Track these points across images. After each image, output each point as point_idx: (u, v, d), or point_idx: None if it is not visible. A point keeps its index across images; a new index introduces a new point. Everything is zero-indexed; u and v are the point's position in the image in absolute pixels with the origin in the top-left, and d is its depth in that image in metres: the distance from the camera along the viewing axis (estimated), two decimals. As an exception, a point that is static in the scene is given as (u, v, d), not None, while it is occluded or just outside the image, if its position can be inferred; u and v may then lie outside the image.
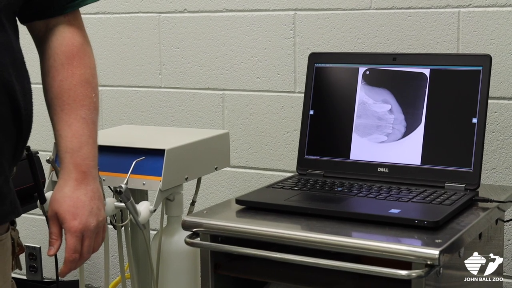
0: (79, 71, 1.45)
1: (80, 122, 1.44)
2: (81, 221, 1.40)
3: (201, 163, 1.95)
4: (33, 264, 2.98)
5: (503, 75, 2.07)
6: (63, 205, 1.41)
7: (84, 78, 1.46)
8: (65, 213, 1.40)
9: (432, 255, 1.34)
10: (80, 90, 1.45)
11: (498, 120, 2.09)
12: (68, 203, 1.41)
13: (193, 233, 1.60)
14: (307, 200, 1.66)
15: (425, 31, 2.15)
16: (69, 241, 1.41)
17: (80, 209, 1.41)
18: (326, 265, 1.44)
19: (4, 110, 1.31)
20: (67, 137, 1.43)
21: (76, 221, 1.40)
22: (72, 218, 1.40)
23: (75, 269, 1.47)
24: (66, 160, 1.43)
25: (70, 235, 1.40)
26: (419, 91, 1.76)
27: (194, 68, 2.53)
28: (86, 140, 1.44)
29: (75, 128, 1.43)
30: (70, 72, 1.45)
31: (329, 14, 2.28)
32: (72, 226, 1.40)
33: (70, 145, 1.42)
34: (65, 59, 1.45)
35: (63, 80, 1.44)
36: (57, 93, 1.44)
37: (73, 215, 1.40)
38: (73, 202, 1.41)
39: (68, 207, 1.40)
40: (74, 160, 1.42)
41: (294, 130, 2.35)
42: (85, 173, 1.43)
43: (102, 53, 2.68)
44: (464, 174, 1.68)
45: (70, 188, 1.42)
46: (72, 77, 1.44)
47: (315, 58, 1.89)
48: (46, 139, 2.80)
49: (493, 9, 2.07)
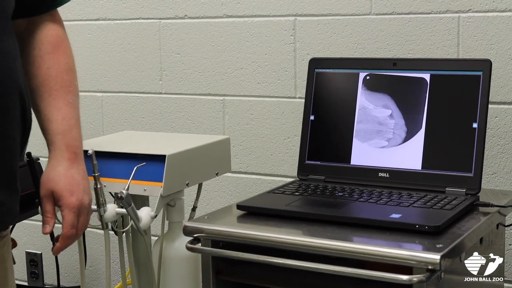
0: (64, 60, 1.51)
1: (68, 107, 1.49)
2: (77, 198, 1.44)
3: (202, 168, 1.95)
4: (34, 271, 2.98)
5: (503, 80, 2.07)
6: (59, 183, 1.45)
7: (69, 66, 1.52)
8: (62, 191, 1.44)
9: (433, 259, 1.34)
10: (66, 77, 1.51)
11: (498, 125, 2.09)
12: (64, 181, 1.45)
13: (194, 239, 1.60)
14: (308, 206, 1.66)
15: (425, 36, 2.15)
16: (67, 217, 1.44)
17: (75, 186, 1.45)
18: (327, 270, 1.44)
19: (18, 111, 1.37)
20: (57, 120, 1.47)
21: (74, 197, 1.44)
22: (70, 195, 1.44)
23: (68, 246, 1.51)
24: (58, 141, 1.47)
25: (68, 211, 1.44)
26: (420, 96, 1.76)
27: (195, 74, 2.53)
28: (74, 123, 1.50)
29: (65, 112, 1.48)
30: (56, 60, 1.50)
31: (329, 20, 2.29)
32: (70, 203, 1.44)
33: (61, 127, 1.47)
34: (51, 48, 1.50)
35: (50, 68, 1.49)
36: (44, 80, 1.49)
37: (70, 192, 1.44)
38: (69, 180, 1.45)
39: (65, 184, 1.44)
40: (66, 141, 1.47)
41: (294, 135, 2.35)
42: (76, 154, 1.48)
43: (102, 59, 2.68)
44: (464, 179, 1.68)
45: (64, 167, 1.46)
46: (58, 65, 1.50)
47: (315, 63, 1.89)
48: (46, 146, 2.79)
49: (493, 14, 2.07)
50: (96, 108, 2.75)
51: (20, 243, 2.86)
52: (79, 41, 1.73)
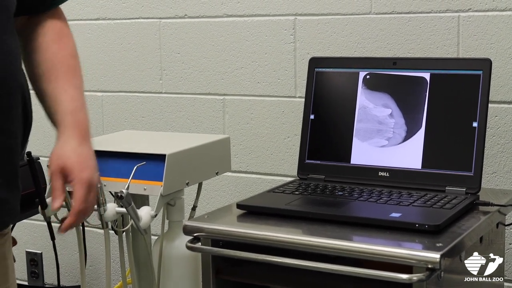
0: (69, 46, 1.54)
1: (75, 90, 1.51)
2: (89, 174, 1.44)
3: (202, 168, 1.95)
4: (34, 270, 2.98)
5: (503, 79, 2.07)
6: (71, 158, 1.44)
7: (74, 52, 1.55)
8: (74, 165, 1.44)
9: (433, 259, 1.34)
10: (72, 62, 1.53)
11: (498, 124, 2.09)
12: (76, 157, 1.45)
13: (194, 238, 1.60)
14: (308, 205, 1.66)
15: (425, 35, 2.15)
16: (78, 191, 1.44)
17: (86, 162, 1.46)
18: (327, 269, 1.44)
19: (20, 110, 1.38)
20: (66, 101, 1.48)
21: (85, 173, 1.44)
22: (81, 170, 1.44)
23: (78, 224, 1.52)
24: (67, 120, 1.47)
25: (80, 186, 1.43)
26: (420, 95, 1.76)
27: (195, 73, 2.53)
28: (82, 104, 1.51)
29: (72, 93, 1.50)
30: (62, 46, 1.52)
31: (329, 19, 2.29)
32: (82, 178, 1.43)
33: (70, 107, 1.48)
34: (56, 36, 1.52)
35: (56, 53, 1.51)
36: (51, 65, 1.50)
37: (81, 167, 1.44)
38: (80, 156, 1.46)
39: (76, 160, 1.45)
40: (76, 120, 1.47)
41: (294, 134, 2.35)
42: (86, 132, 1.49)
43: (103, 59, 2.68)
44: (464, 178, 1.68)
45: (74, 144, 1.46)
46: (64, 51, 1.52)
47: (315, 62, 1.89)
48: (47, 145, 2.80)
49: (493, 13, 2.07)
50: (96, 107, 2.75)
51: (20, 243, 2.86)
52: (79, 41, 1.73)
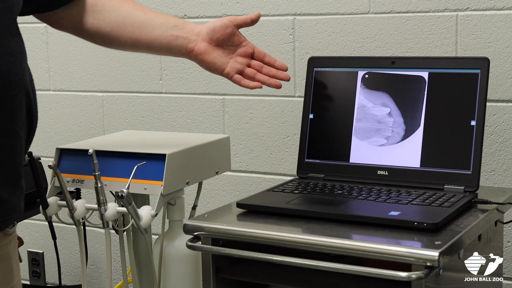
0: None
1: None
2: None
3: (202, 167, 1.96)
4: (36, 270, 2.98)
5: (501, 77, 2.08)
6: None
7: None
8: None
9: (432, 256, 1.35)
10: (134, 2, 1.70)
11: (496, 123, 2.10)
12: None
13: (194, 237, 1.60)
14: (307, 203, 1.67)
15: (424, 34, 2.16)
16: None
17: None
18: (326, 267, 1.44)
19: (24, 111, 1.38)
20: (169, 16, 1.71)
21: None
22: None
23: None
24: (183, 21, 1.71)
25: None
26: (418, 94, 1.77)
27: (195, 73, 2.53)
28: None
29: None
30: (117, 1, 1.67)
31: (328, 19, 2.29)
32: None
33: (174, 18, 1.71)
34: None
35: (122, 5, 1.65)
36: (132, 7, 1.65)
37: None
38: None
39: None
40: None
41: (294, 134, 2.35)
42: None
43: (103, 59, 2.69)
44: (463, 176, 1.69)
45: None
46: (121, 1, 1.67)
47: (314, 62, 1.89)
48: (47, 146, 2.80)
49: (491, 13, 2.07)
50: (97, 107, 2.75)
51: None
52: (80, 41, 1.73)
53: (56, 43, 2.77)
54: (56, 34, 1.74)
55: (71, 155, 1.90)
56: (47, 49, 2.80)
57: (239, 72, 1.69)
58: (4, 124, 1.33)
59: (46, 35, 2.77)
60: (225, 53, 1.69)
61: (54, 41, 2.77)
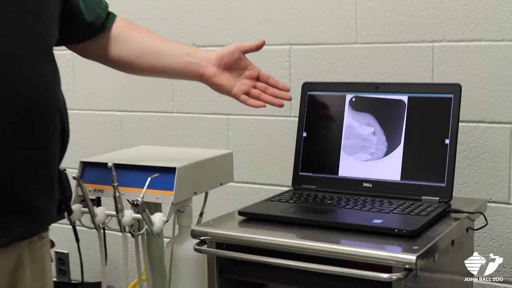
0: (139, 28, 1.69)
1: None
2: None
3: (208, 179, 1.95)
4: (62, 268, 2.98)
5: (472, 101, 2.08)
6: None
7: (145, 29, 1.70)
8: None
9: (410, 260, 1.35)
10: (152, 32, 1.69)
11: (468, 141, 2.10)
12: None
13: (201, 241, 1.60)
14: (301, 212, 1.66)
15: (404, 62, 2.16)
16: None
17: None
18: (317, 269, 1.44)
19: (58, 130, 1.38)
20: (181, 44, 1.71)
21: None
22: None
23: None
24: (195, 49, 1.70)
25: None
26: (399, 116, 1.77)
27: (203, 95, 2.54)
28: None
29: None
30: (138, 31, 1.67)
31: (320, 48, 2.30)
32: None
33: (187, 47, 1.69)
34: (128, 29, 1.66)
35: (142, 35, 1.65)
36: (149, 38, 1.65)
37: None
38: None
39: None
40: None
41: (290, 149, 2.35)
42: None
43: (121, 82, 2.69)
44: (438, 189, 1.69)
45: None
46: (142, 32, 1.67)
47: (308, 87, 1.90)
48: (72, 158, 2.80)
49: (463, 44, 2.08)
50: (116, 125, 2.75)
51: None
52: (101, 67, 1.74)
53: (80, 68, 2.77)
54: (80, 60, 1.74)
55: (93, 168, 1.90)
56: (73, 73, 2.80)
57: (245, 93, 1.68)
58: (41, 142, 1.32)
59: (72, 61, 2.77)
60: (232, 76, 1.68)
61: (79, 67, 2.77)
